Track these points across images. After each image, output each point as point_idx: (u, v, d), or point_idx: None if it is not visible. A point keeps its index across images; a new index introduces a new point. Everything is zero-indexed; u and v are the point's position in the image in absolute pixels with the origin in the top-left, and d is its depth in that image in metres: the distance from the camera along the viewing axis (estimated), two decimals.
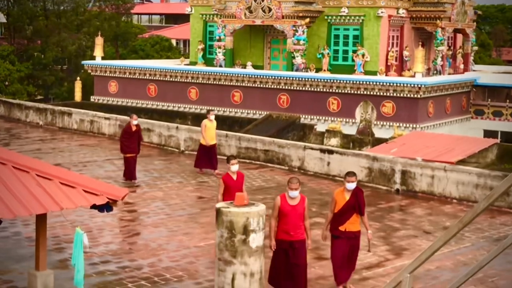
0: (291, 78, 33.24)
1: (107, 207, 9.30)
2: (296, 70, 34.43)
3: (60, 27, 53.78)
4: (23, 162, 9.35)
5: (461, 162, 20.70)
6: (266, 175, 19.73)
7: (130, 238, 13.12)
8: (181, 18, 76.50)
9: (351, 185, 10.21)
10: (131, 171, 17.92)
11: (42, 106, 29.48)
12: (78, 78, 39.95)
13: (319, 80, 32.64)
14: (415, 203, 16.93)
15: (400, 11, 34.71)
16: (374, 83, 31.54)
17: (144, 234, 13.44)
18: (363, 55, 33.63)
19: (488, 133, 34.38)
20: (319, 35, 35.16)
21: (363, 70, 33.50)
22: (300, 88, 33.03)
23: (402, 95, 31.02)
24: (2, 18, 56.67)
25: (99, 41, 39.67)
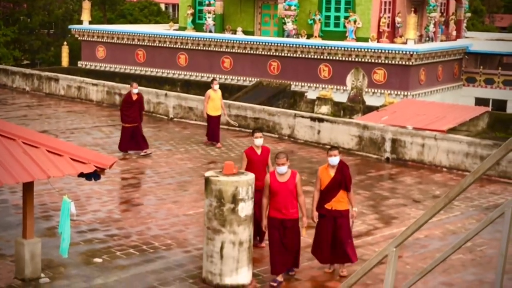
0: (282, 45, 33.09)
1: (95, 175, 9.28)
2: (287, 36, 34.25)
3: None
4: (9, 129, 9.30)
5: (452, 130, 20.77)
6: None
7: (119, 206, 13.15)
8: None
9: (334, 159, 9.63)
10: (125, 142, 17.34)
11: (28, 71, 29.26)
12: (65, 43, 39.57)
13: (310, 46, 32.51)
14: (405, 171, 17.02)
15: None
16: (366, 50, 31.45)
17: (133, 202, 13.46)
18: (355, 21, 33.47)
19: (480, 101, 34.48)
20: (310, 0, 34.91)
21: (355, 37, 33.37)
22: (291, 55, 32.90)
23: (393, 62, 30.98)
24: None
25: (86, 5, 39.25)
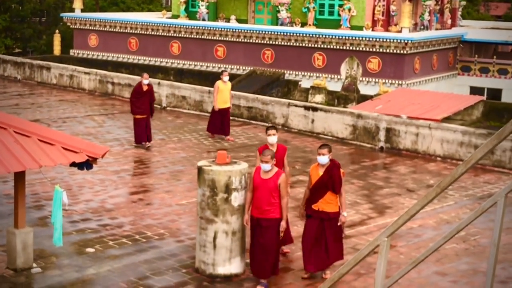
0: (276, 33, 33.04)
1: (87, 164, 9.28)
2: (281, 25, 34.19)
3: None
4: (0, 119, 9.28)
5: (446, 119, 20.81)
6: (249, 132, 19.75)
7: (111, 196, 13.15)
8: None
9: (322, 158, 9.26)
10: (140, 134, 17.04)
11: (20, 60, 29.13)
12: (57, 31, 39.39)
13: (304, 35, 32.47)
14: (399, 161, 17.07)
15: None
16: (360, 38, 31.42)
17: (125, 192, 13.47)
18: (349, 10, 33.42)
19: (475, 89, 34.53)
20: None
21: (349, 25, 33.33)
22: (285, 43, 32.85)
23: (388, 51, 30.97)
24: None
25: None
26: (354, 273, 9.39)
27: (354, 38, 31.53)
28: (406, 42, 30.79)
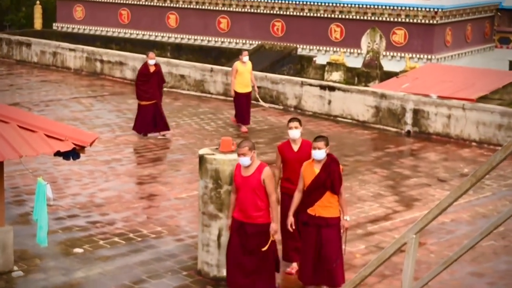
0: (287, 2, 32.92)
1: (74, 154, 9.30)
2: None
3: None
4: None
5: (482, 99, 20.73)
6: (257, 115, 19.73)
7: (101, 189, 13.20)
8: None
9: (317, 153, 8.67)
10: (145, 123, 16.63)
11: None
12: (38, 2, 39.40)
13: (319, 4, 32.34)
14: (429, 146, 17.05)
15: None
16: (383, 7, 31.27)
17: (117, 184, 13.51)
18: None
19: None
20: None
21: None
22: (297, 13, 32.74)
23: (415, 21, 30.82)
24: None
25: None
26: (377, 274, 9.40)
27: (376, 7, 31.39)
28: (436, 10, 30.63)
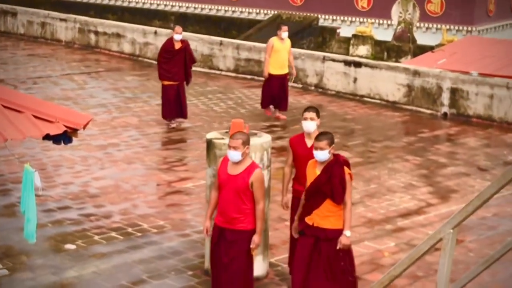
0: None
1: (65, 137, 9.32)
2: None
3: None
4: None
5: None
6: None
7: (96, 178, 13.26)
8: None
9: (320, 154, 8.21)
10: (169, 106, 16.46)
11: None
12: None
13: None
14: (468, 131, 17.00)
15: None
16: None
17: (114, 172, 13.56)
18: None
19: None
20: None
21: None
22: None
23: None
24: None
25: None
26: (408, 275, 9.41)
27: None
28: None
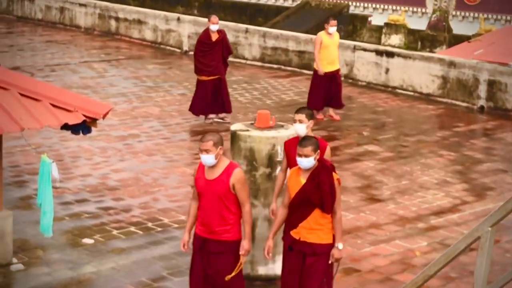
0: None
1: (84, 127, 9.36)
2: None
3: None
4: None
5: None
6: (300, 85, 19.69)
7: (116, 170, 13.30)
8: None
9: (304, 161, 7.79)
10: (202, 102, 16.04)
11: None
12: None
13: None
14: (506, 125, 16.89)
15: None
16: None
17: (134, 164, 13.60)
18: None
19: None
20: None
21: None
22: None
23: None
24: None
25: None
26: (442, 276, 9.37)
27: None
28: None
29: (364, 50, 20.19)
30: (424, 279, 6.39)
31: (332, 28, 16.47)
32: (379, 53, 19.90)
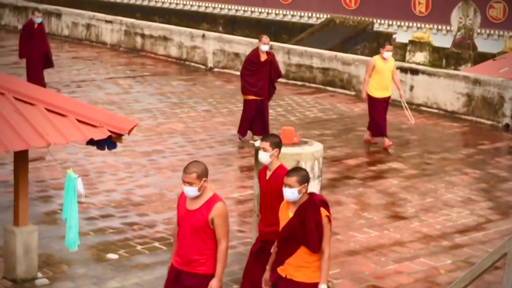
0: None
1: (109, 143, 9.40)
2: None
3: None
4: None
5: None
6: (324, 102, 19.68)
7: (140, 185, 13.34)
8: None
9: (287, 192, 7.46)
10: (247, 123, 15.89)
11: (21, 3, 29.63)
12: None
13: None
14: None
15: None
16: None
17: (159, 180, 13.62)
18: None
19: None
20: None
21: None
22: None
23: None
24: None
25: None
26: None
27: None
28: None
29: None
30: None
31: (387, 53, 15.92)
32: (403, 70, 19.85)
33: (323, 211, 7.47)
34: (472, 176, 14.46)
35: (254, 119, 15.91)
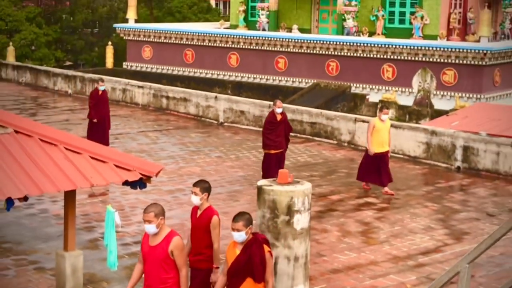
0: (341, 43, 32.95)
1: (140, 183, 9.39)
2: (347, 34, 34.07)
3: None
4: (50, 134, 9.49)
5: None
6: (312, 150, 19.69)
7: (166, 217, 13.24)
8: None
9: (236, 236, 7.34)
10: (269, 173, 14.98)
11: (71, 73, 29.86)
12: (110, 43, 40.26)
13: (372, 45, 32.27)
14: (478, 182, 16.72)
15: None
16: (434, 48, 31.04)
17: (180, 213, 13.57)
18: (421, 18, 33.07)
19: None
20: None
21: (422, 34, 32.96)
22: (351, 54, 32.72)
23: (465, 62, 30.49)
24: None
25: (132, 2, 39.85)
26: None
27: (427, 48, 31.17)
28: (485, 52, 30.25)
29: (363, 121, 20.17)
30: None
31: (385, 116, 15.52)
32: None
33: (266, 248, 7.40)
34: (432, 208, 14.40)
35: (274, 168, 14.98)
